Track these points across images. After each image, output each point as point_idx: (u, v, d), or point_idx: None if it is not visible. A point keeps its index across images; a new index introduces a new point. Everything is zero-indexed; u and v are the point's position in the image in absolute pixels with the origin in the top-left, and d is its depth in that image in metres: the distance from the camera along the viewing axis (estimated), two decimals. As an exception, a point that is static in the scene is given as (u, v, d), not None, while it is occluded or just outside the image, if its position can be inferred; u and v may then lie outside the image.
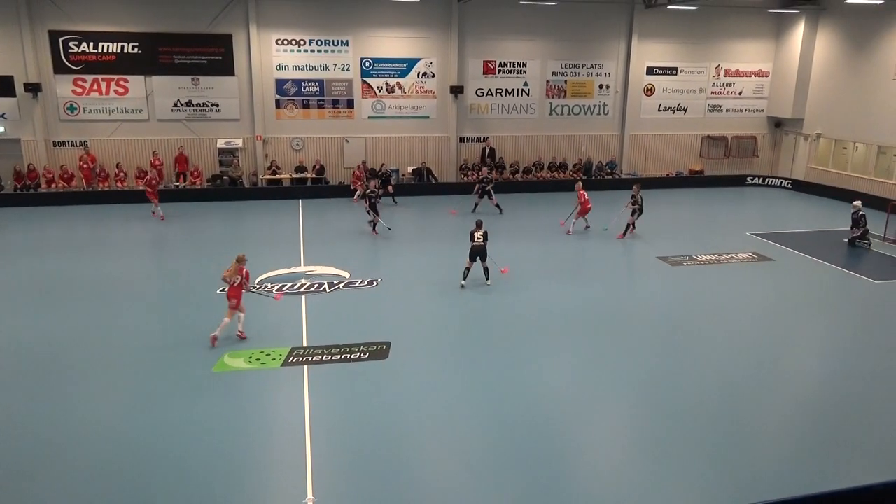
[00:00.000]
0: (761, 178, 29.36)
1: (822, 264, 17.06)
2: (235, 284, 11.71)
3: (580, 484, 7.98)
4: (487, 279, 15.02)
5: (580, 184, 20.25)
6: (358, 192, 22.01)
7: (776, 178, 29.29)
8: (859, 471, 8.13)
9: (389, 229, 19.52)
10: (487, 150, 27.50)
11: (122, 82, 24.40)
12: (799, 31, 27.77)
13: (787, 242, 18.99)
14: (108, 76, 24.23)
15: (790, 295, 14.96)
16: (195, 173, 25.11)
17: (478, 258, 14.92)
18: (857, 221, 18.73)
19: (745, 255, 17.80)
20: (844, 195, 25.27)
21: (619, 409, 9.84)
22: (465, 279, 14.93)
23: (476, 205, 22.38)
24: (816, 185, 27.36)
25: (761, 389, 10.37)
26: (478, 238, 14.88)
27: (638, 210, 19.12)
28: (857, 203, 19.03)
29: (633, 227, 19.34)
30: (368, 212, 19.36)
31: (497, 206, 22.18)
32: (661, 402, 9.83)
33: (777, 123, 30.18)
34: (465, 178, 26.75)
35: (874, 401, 9.97)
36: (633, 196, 19.12)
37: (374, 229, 19.49)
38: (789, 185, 28.51)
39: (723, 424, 9.21)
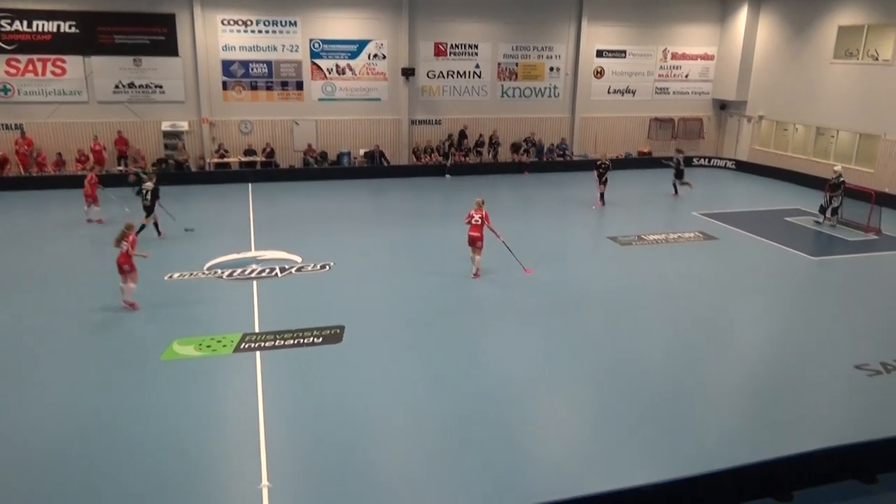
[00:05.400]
0: (707, 159, 30.10)
1: (765, 242, 17.63)
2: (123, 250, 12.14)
3: (536, 466, 8.12)
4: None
5: (480, 199, 14.77)
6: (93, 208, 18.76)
7: (721, 158, 30.08)
8: (794, 440, 8.48)
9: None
10: (459, 131, 27.34)
11: (59, 62, 23.39)
12: (742, 16, 28.40)
13: (732, 221, 19.55)
14: (45, 56, 23.18)
15: (734, 272, 15.42)
16: (139, 155, 24.31)
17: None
18: (837, 187, 19.07)
19: (692, 235, 18.27)
20: (785, 175, 26.26)
21: (571, 389, 10.02)
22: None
23: (602, 195, 21.33)
24: (759, 166, 28.19)
25: (706, 364, 10.73)
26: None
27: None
28: (838, 168, 19.50)
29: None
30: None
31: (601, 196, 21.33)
32: (612, 381, 10.07)
33: (722, 106, 30.91)
34: (421, 161, 26.75)
35: (809, 373, 10.41)
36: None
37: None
38: (733, 166, 29.32)
39: (668, 397, 9.50)
